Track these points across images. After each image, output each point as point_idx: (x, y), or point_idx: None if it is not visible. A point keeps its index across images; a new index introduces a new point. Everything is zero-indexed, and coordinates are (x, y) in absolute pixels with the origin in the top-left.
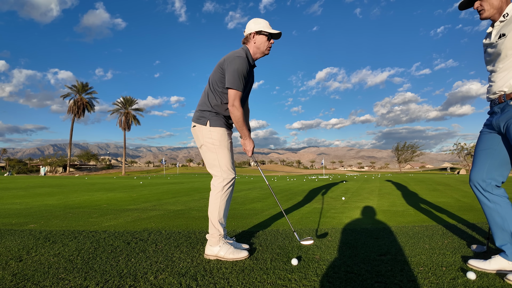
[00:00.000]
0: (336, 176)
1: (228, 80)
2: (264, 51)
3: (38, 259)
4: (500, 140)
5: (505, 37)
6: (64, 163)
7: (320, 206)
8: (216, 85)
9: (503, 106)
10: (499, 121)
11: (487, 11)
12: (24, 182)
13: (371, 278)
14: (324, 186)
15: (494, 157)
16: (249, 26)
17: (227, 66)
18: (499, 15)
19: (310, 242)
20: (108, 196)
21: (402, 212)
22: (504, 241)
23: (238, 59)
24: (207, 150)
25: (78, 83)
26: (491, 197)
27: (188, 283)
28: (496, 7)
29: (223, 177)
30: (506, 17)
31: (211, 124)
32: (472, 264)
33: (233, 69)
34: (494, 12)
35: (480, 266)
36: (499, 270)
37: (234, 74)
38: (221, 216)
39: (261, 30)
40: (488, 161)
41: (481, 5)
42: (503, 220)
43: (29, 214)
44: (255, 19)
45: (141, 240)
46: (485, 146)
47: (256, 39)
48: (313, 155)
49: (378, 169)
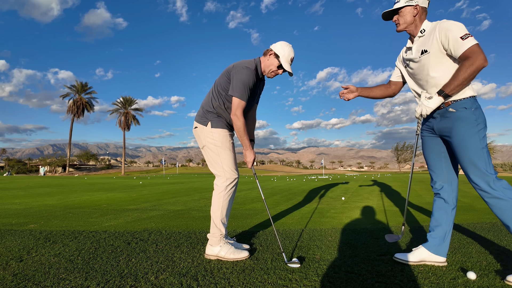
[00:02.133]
0: (336, 176)
1: (232, 88)
2: (268, 73)
3: (39, 259)
4: (443, 144)
5: (427, 53)
6: (63, 163)
7: (320, 206)
8: (221, 89)
9: (442, 112)
10: (440, 126)
11: (402, 25)
12: (24, 182)
13: (371, 278)
14: (324, 186)
15: (447, 159)
16: (277, 45)
17: (234, 74)
18: (416, 29)
19: (297, 265)
20: (108, 196)
21: (402, 212)
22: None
23: (246, 70)
24: (209, 151)
25: (77, 83)
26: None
27: (189, 283)
28: (409, 22)
29: (226, 177)
30: (423, 33)
31: (212, 126)
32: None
33: (239, 79)
34: (408, 27)
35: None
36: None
37: (239, 84)
38: (223, 216)
39: (279, 56)
40: (443, 163)
41: (398, 19)
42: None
43: (29, 214)
44: (286, 44)
45: (142, 240)
46: (433, 149)
47: (270, 59)
48: (313, 155)
49: (377, 169)
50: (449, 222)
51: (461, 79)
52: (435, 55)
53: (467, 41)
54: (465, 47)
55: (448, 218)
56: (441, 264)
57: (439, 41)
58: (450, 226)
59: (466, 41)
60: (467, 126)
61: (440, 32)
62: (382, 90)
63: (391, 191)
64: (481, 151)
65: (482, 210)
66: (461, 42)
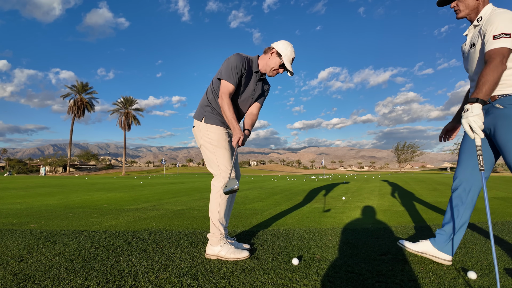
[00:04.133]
0: (336, 176)
1: (220, 71)
2: (269, 71)
3: (39, 259)
4: (486, 142)
5: (474, 47)
6: (64, 163)
7: (321, 206)
8: (216, 84)
9: (487, 107)
10: (484, 122)
11: (462, 12)
12: (24, 182)
13: (372, 278)
14: (324, 186)
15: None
16: (279, 44)
17: (224, 61)
18: (476, 15)
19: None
20: (108, 196)
21: (403, 211)
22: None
23: (235, 55)
24: (206, 150)
25: (78, 83)
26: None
27: (189, 282)
28: (471, 7)
29: (222, 176)
30: (479, 21)
31: (206, 121)
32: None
33: (227, 62)
34: (470, 13)
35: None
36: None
37: (227, 66)
38: (221, 216)
39: (281, 56)
40: (472, 163)
41: (457, 5)
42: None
43: (30, 214)
44: (288, 44)
45: (142, 240)
46: (468, 146)
47: (272, 57)
48: (313, 155)
49: (378, 169)
50: (460, 221)
51: (493, 82)
52: (478, 50)
53: (498, 42)
54: (489, 47)
55: (460, 217)
56: (445, 263)
57: (482, 35)
58: (461, 225)
59: (497, 41)
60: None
61: (485, 24)
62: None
63: (391, 191)
64: None
65: (482, 210)
66: (491, 41)
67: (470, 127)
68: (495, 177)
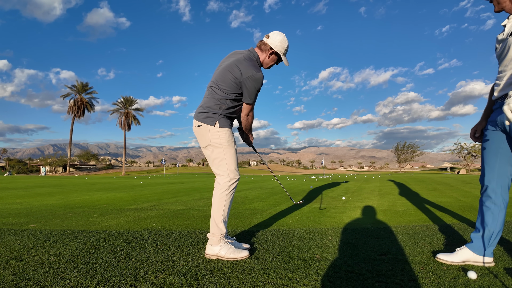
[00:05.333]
0: (336, 176)
1: (247, 97)
2: (265, 67)
3: (39, 259)
4: (505, 139)
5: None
6: (64, 163)
7: (321, 206)
8: (228, 91)
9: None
10: (502, 119)
11: (502, 3)
12: (24, 182)
13: (372, 278)
14: (324, 186)
15: (503, 156)
16: (275, 41)
17: (247, 81)
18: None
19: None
20: (108, 196)
21: (403, 211)
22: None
23: (259, 78)
24: (214, 150)
25: (78, 83)
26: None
27: (188, 282)
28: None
29: (230, 176)
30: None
31: (220, 125)
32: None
33: (254, 87)
34: (507, 5)
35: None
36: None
37: (254, 91)
38: (225, 215)
39: (280, 55)
40: (498, 161)
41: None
42: (493, 220)
43: (30, 214)
44: (283, 39)
45: (142, 239)
46: (491, 144)
47: (271, 57)
48: (313, 155)
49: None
50: (497, 222)
51: None
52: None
53: None
54: None
55: (495, 219)
56: (488, 265)
57: None
58: (498, 226)
59: None
60: None
61: None
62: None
63: (391, 190)
64: None
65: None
66: None
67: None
68: None
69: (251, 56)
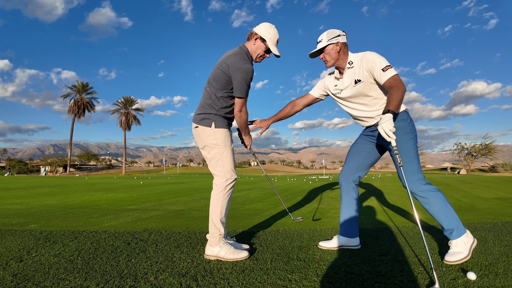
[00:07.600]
0: (337, 176)
1: (237, 90)
2: (255, 58)
3: (39, 260)
4: (374, 148)
5: (361, 82)
6: (64, 163)
7: (321, 206)
8: (219, 88)
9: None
10: (381, 140)
11: (329, 62)
12: (25, 182)
13: (371, 279)
14: (324, 186)
15: (365, 159)
16: (261, 28)
17: (235, 74)
18: (344, 63)
19: (300, 219)
20: (108, 196)
21: (403, 211)
22: None
23: (247, 68)
24: (210, 150)
25: (78, 83)
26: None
27: (188, 283)
28: (335, 58)
29: (226, 177)
30: (351, 64)
31: (216, 126)
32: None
33: (242, 79)
34: (335, 62)
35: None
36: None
37: (243, 83)
38: (223, 215)
39: (265, 40)
40: (359, 161)
41: (325, 57)
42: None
43: (30, 214)
44: (270, 26)
45: (142, 240)
46: (361, 148)
47: (256, 43)
48: (313, 155)
49: (378, 169)
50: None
51: (399, 99)
52: (368, 82)
53: (388, 72)
54: (387, 76)
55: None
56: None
57: (368, 71)
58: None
59: (387, 72)
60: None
61: (367, 63)
62: (289, 108)
63: (391, 191)
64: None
65: (483, 210)
66: (383, 73)
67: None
68: (495, 177)
69: (240, 50)
